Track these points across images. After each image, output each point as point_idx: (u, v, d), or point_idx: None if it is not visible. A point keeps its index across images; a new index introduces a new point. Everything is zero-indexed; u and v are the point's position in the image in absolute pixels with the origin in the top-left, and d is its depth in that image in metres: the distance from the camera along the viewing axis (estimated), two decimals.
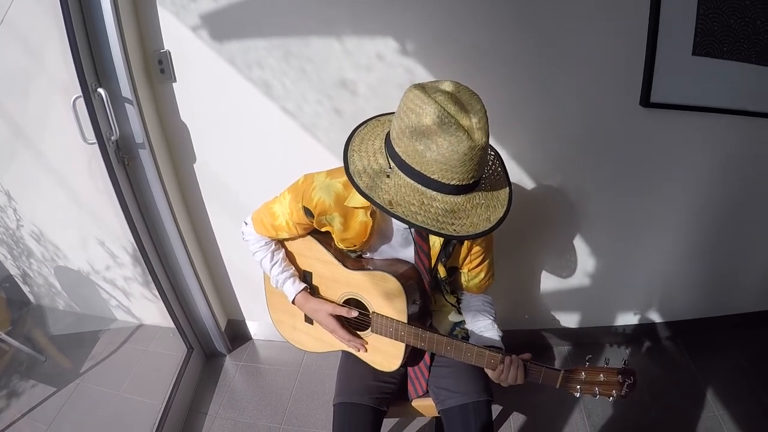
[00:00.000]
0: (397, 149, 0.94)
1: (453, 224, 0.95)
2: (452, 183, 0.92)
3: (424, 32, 1.43)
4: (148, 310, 2.07)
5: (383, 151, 1.00)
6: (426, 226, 0.93)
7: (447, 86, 0.95)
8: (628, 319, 2.05)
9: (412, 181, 0.94)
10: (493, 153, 1.09)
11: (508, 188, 1.04)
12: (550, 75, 1.48)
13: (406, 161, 0.93)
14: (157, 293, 1.85)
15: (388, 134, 1.00)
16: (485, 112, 0.92)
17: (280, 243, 1.34)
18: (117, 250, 1.93)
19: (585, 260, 1.87)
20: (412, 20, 1.42)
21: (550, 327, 2.07)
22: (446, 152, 0.88)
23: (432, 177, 0.91)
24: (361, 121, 1.11)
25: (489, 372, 1.14)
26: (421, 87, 0.93)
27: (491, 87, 1.46)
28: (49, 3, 1.35)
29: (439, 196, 0.93)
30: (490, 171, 1.06)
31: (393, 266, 1.22)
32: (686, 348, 2.05)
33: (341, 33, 1.45)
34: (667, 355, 2.04)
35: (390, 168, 0.97)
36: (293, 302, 1.31)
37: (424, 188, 0.93)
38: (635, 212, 1.76)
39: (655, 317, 2.06)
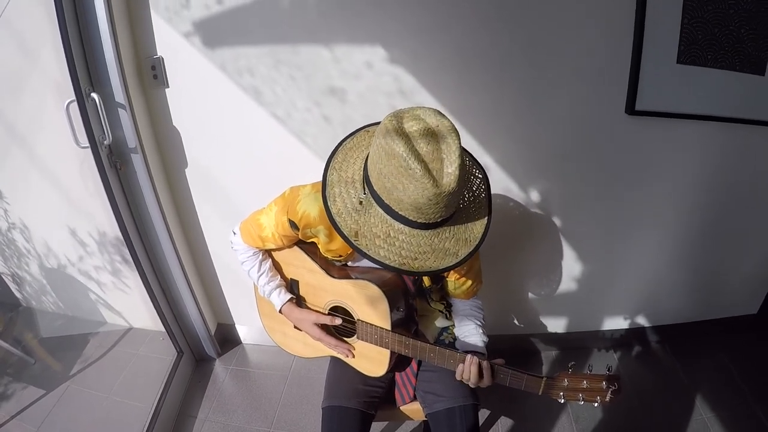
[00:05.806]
0: (371, 178, 0.94)
1: (416, 259, 0.95)
2: (419, 221, 0.92)
3: (412, 42, 1.45)
4: (139, 313, 2.07)
5: (361, 174, 1.00)
6: (387, 262, 0.93)
7: (426, 118, 0.91)
8: (615, 323, 2.06)
9: (382, 211, 0.94)
10: (480, 176, 1.06)
11: (486, 219, 1.01)
12: (536, 82, 1.50)
13: (378, 192, 0.93)
14: (147, 297, 1.85)
15: (368, 156, 0.99)
16: (460, 153, 0.88)
17: (268, 253, 1.35)
18: (108, 254, 1.93)
19: (572, 265, 1.88)
20: (399, 30, 1.43)
21: (537, 332, 2.08)
22: (413, 194, 0.87)
23: (400, 213, 0.92)
24: (349, 131, 1.11)
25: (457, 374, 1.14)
26: (397, 121, 0.90)
27: (476, 94, 1.49)
28: (44, 5, 1.35)
29: (406, 229, 0.93)
30: (472, 197, 1.04)
31: (377, 274, 1.22)
32: (674, 352, 2.07)
33: (330, 41, 1.46)
34: (655, 359, 2.06)
35: (364, 194, 0.97)
36: (280, 312, 1.33)
37: (392, 220, 0.93)
38: (621, 218, 1.77)
39: (643, 322, 2.07)
